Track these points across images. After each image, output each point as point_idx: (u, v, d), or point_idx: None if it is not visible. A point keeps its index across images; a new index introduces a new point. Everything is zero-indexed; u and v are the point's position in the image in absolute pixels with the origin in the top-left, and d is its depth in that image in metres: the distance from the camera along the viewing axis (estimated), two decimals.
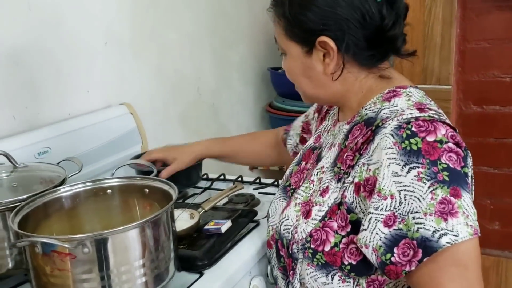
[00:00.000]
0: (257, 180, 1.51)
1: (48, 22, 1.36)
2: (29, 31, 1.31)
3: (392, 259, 0.76)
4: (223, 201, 1.34)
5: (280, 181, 1.34)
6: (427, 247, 0.74)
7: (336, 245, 0.84)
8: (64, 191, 0.97)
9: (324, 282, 0.87)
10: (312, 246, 0.86)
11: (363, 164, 0.83)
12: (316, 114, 1.19)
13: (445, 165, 0.76)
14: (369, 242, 0.79)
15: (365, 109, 0.91)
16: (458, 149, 0.78)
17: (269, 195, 1.39)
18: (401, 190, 0.76)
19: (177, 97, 1.87)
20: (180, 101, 1.89)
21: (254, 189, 1.46)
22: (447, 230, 0.74)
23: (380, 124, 0.83)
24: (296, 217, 0.91)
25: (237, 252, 1.10)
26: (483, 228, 0.92)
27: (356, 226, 0.83)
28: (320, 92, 0.94)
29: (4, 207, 0.92)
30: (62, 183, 1.01)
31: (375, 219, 0.78)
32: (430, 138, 0.77)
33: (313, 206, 0.89)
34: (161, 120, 1.79)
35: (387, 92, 0.89)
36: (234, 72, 2.22)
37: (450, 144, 0.78)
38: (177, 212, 1.18)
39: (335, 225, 0.85)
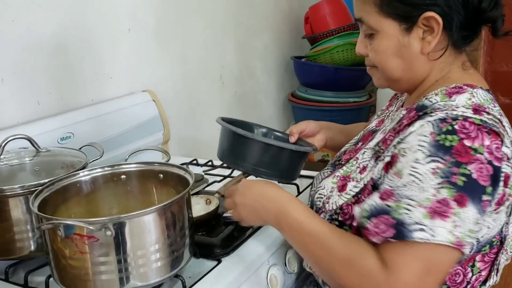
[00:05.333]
0: None
1: (73, 9, 1.37)
2: (53, 18, 1.32)
3: (368, 225, 0.79)
4: None
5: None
6: (400, 231, 0.75)
7: None
8: (83, 175, 0.98)
9: None
10: (340, 219, 0.89)
11: (398, 142, 0.83)
12: (387, 102, 1.17)
13: (468, 172, 0.74)
14: (364, 204, 0.82)
15: (426, 98, 0.88)
16: (490, 167, 0.75)
17: (291, 184, 1.38)
18: (411, 175, 0.77)
19: (200, 85, 1.88)
20: (203, 89, 1.89)
21: None
22: (427, 227, 0.74)
23: (428, 112, 0.82)
24: (331, 188, 0.94)
25: (255, 241, 1.09)
26: None
27: None
28: (406, 75, 0.90)
29: (26, 191, 0.94)
30: (83, 168, 1.02)
31: (378, 190, 0.82)
32: (467, 143, 0.75)
33: (349, 181, 0.91)
34: (183, 107, 1.80)
35: (453, 87, 0.86)
36: (257, 60, 2.20)
37: (485, 157, 0.75)
38: (194, 199, 1.18)
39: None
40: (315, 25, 2.22)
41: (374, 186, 0.86)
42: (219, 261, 1.01)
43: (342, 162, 1.02)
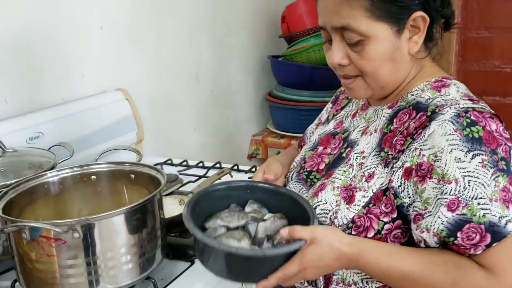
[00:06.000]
0: (253, 169, 1.50)
1: (42, 5, 1.33)
2: (23, 14, 1.29)
3: (456, 242, 0.77)
4: None
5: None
6: (495, 232, 0.75)
7: (378, 232, 0.83)
8: (51, 176, 0.96)
9: (357, 272, 0.87)
10: (354, 233, 0.84)
11: (415, 148, 0.82)
12: (330, 105, 1.15)
13: (501, 155, 0.78)
14: (431, 226, 0.78)
15: (412, 94, 0.89)
16: (507, 147, 0.80)
17: None
18: (465, 176, 0.77)
19: (175, 83, 1.85)
20: (178, 88, 1.87)
21: (249, 177, 1.44)
22: (509, 217, 0.76)
23: (437, 111, 0.82)
24: (336, 201, 0.88)
25: None
26: None
27: (401, 212, 0.83)
28: (394, 79, 0.89)
29: None
30: (52, 168, 0.99)
31: (439, 204, 0.78)
32: (489, 128, 0.79)
33: (356, 191, 0.86)
34: (158, 107, 1.78)
35: (434, 81, 0.89)
36: (234, 59, 2.19)
37: (503, 137, 0.80)
38: (168, 199, 1.17)
39: (378, 211, 0.84)
40: (292, 24, 2.22)
41: (395, 195, 0.83)
42: (192, 262, 1.00)
43: (307, 169, 0.99)
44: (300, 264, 0.78)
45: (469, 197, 0.77)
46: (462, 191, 0.77)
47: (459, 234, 0.77)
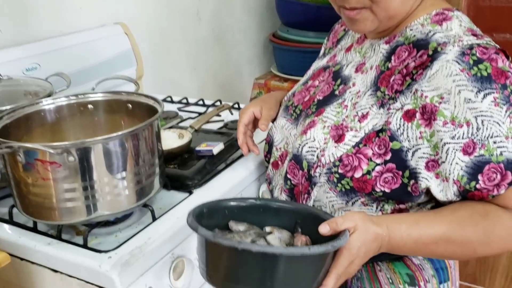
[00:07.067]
0: None
1: None
2: None
3: (477, 186, 0.76)
4: (218, 126, 1.32)
5: None
6: None
7: (368, 172, 0.80)
8: (47, 104, 0.94)
9: (343, 207, 0.85)
10: (340, 171, 0.82)
11: (416, 90, 0.78)
12: (327, 37, 1.11)
13: (511, 88, 0.75)
14: (449, 174, 0.76)
15: (410, 29, 0.84)
16: None
17: None
18: (477, 116, 0.75)
19: (175, 20, 1.80)
20: (178, 24, 1.82)
21: None
22: None
23: (439, 50, 0.78)
24: (325, 139, 0.85)
25: (228, 174, 1.08)
26: None
27: (397, 156, 0.79)
28: (403, 8, 0.83)
29: None
30: (48, 96, 0.98)
31: (453, 149, 0.75)
32: (497, 64, 0.76)
33: (347, 130, 0.83)
34: (157, 43, 1.74)
35: (435, 14, 0.84)
36: None
37: (511, 71, 0.77)
38: (166, 133, 1.16)
39: (369, 152, 0.81)
40: None
41: (392, 137, 0.79)
42: (191, 193, 1.00)
43: (295, 104, 0.97)
44: (350, 256, 0.71)
45: (484, 136, 0.74)
46: (476, 132, 0.75)
47: (480, 177, 0.75)
